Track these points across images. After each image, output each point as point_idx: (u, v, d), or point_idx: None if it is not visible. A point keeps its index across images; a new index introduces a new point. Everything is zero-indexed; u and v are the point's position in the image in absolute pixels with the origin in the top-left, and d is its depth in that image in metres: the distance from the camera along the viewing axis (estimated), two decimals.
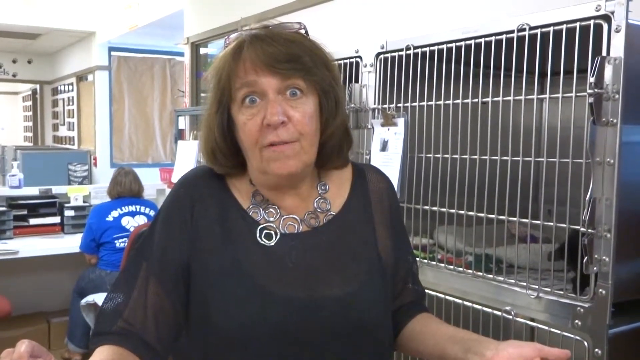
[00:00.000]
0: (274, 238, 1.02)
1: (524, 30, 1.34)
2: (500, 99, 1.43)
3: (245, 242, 1.02)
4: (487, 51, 1.43)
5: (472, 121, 1.50)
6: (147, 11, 5.93)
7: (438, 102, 1.59)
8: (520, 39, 1.35)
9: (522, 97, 1.39)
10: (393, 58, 1.70)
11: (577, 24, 1.24)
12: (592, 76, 1.19)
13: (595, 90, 1.19)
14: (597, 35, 1.21)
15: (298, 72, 0.96)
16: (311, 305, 0.98)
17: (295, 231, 1.04)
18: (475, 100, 1.48)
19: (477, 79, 1.46)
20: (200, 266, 1.00)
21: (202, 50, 4.99)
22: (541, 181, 1.40)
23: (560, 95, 1.31)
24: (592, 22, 1.22)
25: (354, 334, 1.00)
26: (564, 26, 1.27)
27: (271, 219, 1.04)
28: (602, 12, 1.20)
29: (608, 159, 1.20)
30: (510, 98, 1.41)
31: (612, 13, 1.18)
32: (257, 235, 1.02)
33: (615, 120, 1.19)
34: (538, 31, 1.32)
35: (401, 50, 1.67)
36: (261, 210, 1.05)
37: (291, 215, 1.05)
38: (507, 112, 1.43)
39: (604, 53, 1.20)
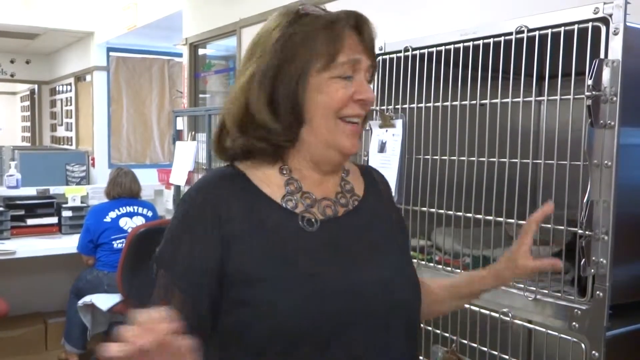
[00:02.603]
0: (315, 224, 1.02)
1: (522, 32, 1.34)
2: (498, 100, 1.43)
3: (286, 232, 1.01)
4: (485, 53, 1.44)
5: (470, 123, 1.50)
6: (146, 12, 5.92)
7: (436, 104, 1.59)
8: (519, 41, 1.36)
9: (520, 99, 1.39)
10: (391, 60, 1.70)
11: (575, 27, 1.25)
12: (590, 79, 1.19)
13: (593, 92, 1.19)
14: (595, 38, 1.22)
15: (374, 60, 1.05)
16: (356, 289, 0.99)
17: (332, 213, 1.05)
18: (474, 102, 1.48)
19: (476, 81, 1.46)
20: (239, 267, 0.98)
21: (201, 51, 4.99)
22: (539, 183, 1.40)
23: (558, 97, 1.32)
24: (590, 24, 1.22)
25: (391, 315, 1.02)
26: (562, 29, 1.27)
27: (309, 204, 1.04)
28: (600, 15, 1.20)
29: (606, 162, 1.20)
30: (509, 100, 1.41)
31: (610, 16, 1.18)
32: (299, 221, 1.02)
33: (613, 123, 1.19)
34: (536, 33, 1.32)
35: (399, 52, 1.67)
36: (297, 197, 1.04)
37: (325, 198, 1.06)
38: (505, 114, 1.43)
39: (602, 55, 1.20)
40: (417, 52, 1.62)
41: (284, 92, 0.99)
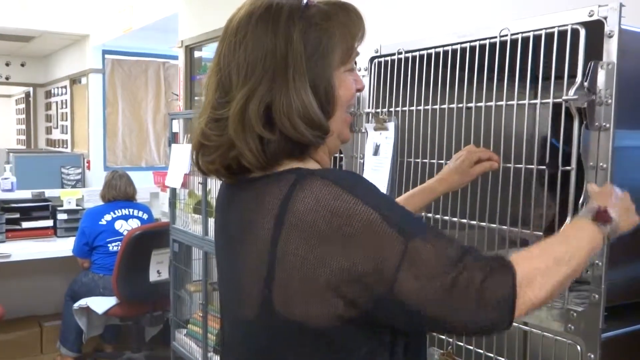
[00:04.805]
0: None
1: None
2: (493, 103, 1.43)
3: None
4: (481, 56, 1.44)
5: (466, 126, 1.50)
6: (142, 14, 5.92)
7: (434, 107, 1.59)
8: (513, 44, 1.36)
9: (514, 102, 1.39)
10: (387, 62, 1.70)
11: (569, 27, 1.25)
12: (586, 81, 1.19)
13: (575, 93, 1.20)
14: (591, 41, 1.22)
15: None
16: None
17: None
18: (470, 105, 1.48)
19: (471, 83, 1.46)
20: None
21: (197, 54, 4.99)
22: (532, 186, 1.41)
23: (551, 100, 1.32)
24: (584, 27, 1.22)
25: None
26: (555, 29, 1.27)
27: None
28: (595, 18, 1.20)
29: (601, 164, 1.20)
30: (503, 103, 1.41)
31: (605, 18, 1.19)
32: None
33: (608, 125, 1.19)
34: (530, 35, 1.32)
35: (393, 54, 1.67)
36: None
37: None
38: (499, 117, 1.43)
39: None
40: (410, 54, 1.62)
41: (323, 88, 0.97)
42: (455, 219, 1.52)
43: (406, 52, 1.64)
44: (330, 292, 0.88)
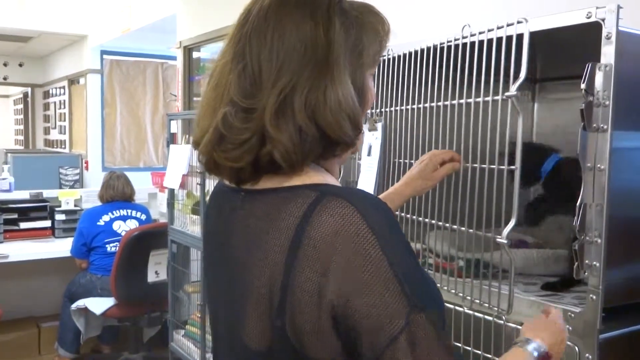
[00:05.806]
0: None
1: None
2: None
3: None
4: (478, 56, 1.44)
5: (457, 126, 1.50)
6: (140, 15, 5.92)
7: (431, 104, 1.58)
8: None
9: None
10: (385, 62, 1.70)
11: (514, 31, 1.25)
12: (583, 82, 1.20)
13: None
14: (589, 42, 1.22)
15: None
16: None
17: None
18: (470, 100, 1.48)
19: (470, 84, 1.46)
20: None
21: (195, 54, 4.99)
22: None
23: (499, 97, 1.32)
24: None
25: None
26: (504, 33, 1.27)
27: None
28: (593, 20, 1.20)
29: (599, 165, 1.20)
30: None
31: (603, 20, 1.19)
32: None
33: (605, 127, 1.19)
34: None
35: (390, 54, 1.67)
36: None
37: None
38: (495, 118, 1.43)
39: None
40: (396, 54, 1.62)
41: (359, 87, 0.90)
42: (455, 227, 1.52)
43: (393, 52, 1.64)
44: (332, 331, 0.81)
